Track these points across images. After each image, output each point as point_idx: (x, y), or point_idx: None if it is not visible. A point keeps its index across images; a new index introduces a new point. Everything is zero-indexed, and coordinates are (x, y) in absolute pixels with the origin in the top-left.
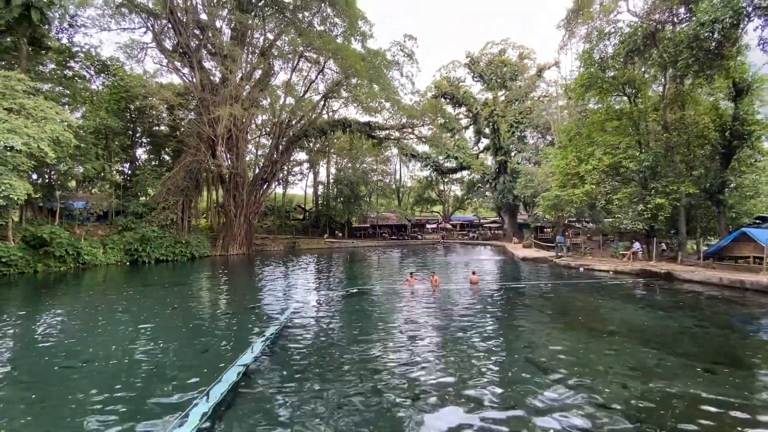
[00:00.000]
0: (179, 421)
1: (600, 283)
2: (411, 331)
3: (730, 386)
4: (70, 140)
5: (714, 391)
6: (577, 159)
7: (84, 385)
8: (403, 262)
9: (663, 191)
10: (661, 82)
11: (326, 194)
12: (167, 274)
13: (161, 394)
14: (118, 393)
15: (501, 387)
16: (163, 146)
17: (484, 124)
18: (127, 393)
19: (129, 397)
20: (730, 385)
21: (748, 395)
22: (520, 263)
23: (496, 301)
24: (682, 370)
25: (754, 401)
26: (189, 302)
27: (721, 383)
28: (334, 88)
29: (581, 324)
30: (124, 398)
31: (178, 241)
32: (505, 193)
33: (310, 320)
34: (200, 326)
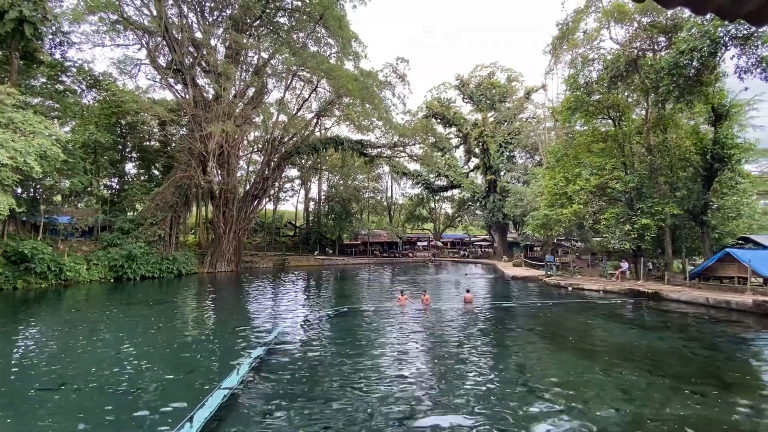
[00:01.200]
0: None
1: (589, 302)
2: (401, 353)
3: (719, 408)
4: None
5: (704, 414)
6: (565, 179)
7: (61, 409)
8: (394, 281)
9: (648, 212)
10: (644, 106)
11: (317, 211)
12: (153, 292)
13: (142, 419)
14: (97, 418)
15: (491, 411)
16: (153, 161)
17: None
18: (107, 417)
19: (108, 421)
20: (719, 406)
21: (738, 418)
22: (511, 282)
23: (487, 321)
24: (672, 393)
25: (743, 423)
26: (174, 321)
27: (711, 405)
28: (327, 106)
29: (571, 345)
30: (102, 423)
31: (165, 258)
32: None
33: (299, 341)
34: (185, 347)
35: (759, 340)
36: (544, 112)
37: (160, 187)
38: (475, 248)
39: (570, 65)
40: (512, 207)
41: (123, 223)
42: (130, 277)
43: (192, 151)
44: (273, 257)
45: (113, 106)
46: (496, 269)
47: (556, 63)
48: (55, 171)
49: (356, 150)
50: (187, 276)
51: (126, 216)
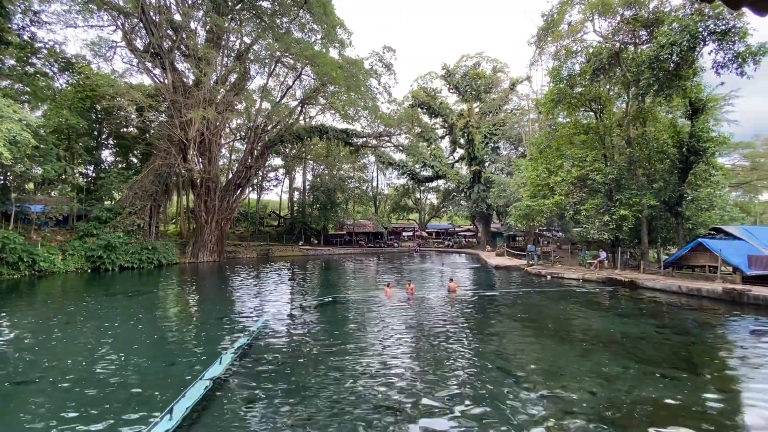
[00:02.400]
0: None
1: (569, 291)
2: (386, 341)
3: (689, 391)
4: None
5: (675, 396)
6: (547, 171)
7: (36, 403)
8: (380, 270)
9: (627, 203)
10: (625, 99)
11: (302, 201)
12: (132, 283)
13: (121, 411)
14: (75, 410)
15: (473, 395)
16: (131, 149)
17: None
18: (84, 410)
19: (86, 414)
20: (689, 389)
21: (705, 398)
22: (494, 271)
23: (470, 309)
24: (645, 376)
25: (710, 404)
26: (155, 312)
27: (681, 387)
28: (311, 94)
29: (551, 331)
30: (80, 415)
31: (144, 248)
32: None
33: (283, 331)
34: (166, 338)
35: (727, 325)
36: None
37: (139, 175)
38: (459, 238)
39: (554, 57)
40: (496, 198)
41: (100, 212)
42: (109, 268)
43: (172, 138)
44: (257, 247)
45: (87, 90)
46: (480, 259)
47: (541, 54)
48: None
49: (341, 139)
50: (168, 266)
51: (103, 205)
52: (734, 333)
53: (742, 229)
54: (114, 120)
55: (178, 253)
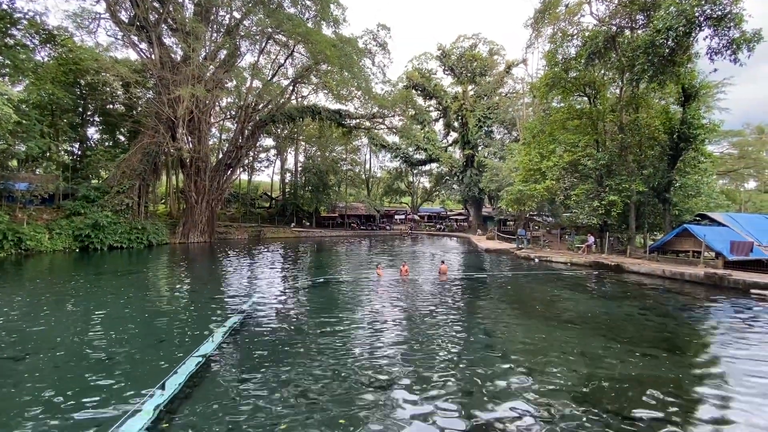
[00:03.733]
0: (131, 413)
1: (556, 273)
2: (376, 320)
3: (667, 368)
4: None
5: (654, 374)
6: (540, 155)
7: (26, 379)
8: (372, 253)
9: (616, 189)
10: (619, 84)
11: (294, 182)
12: (122, 262)
13: (113, 386)
14: (65, 385)
15: (460, 373)
16: (118, 126)
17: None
18: (76, 385)
19: (77, 389)
20: (666, 367)
21: (683, 376)
22: (484, 254)
23: (460, 291)
24: (626, 355)
25: (688, 381)
26: (145, 291)
27: (661, 366)
28: (303, 73)
29: (537, 312)
30: (72, 390)
31: (133, 227)
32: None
33: (274, 310)
34: (157, 316)
35: (707, 307)
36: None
37: (127, 153)
38: (451, 222)
39: (550, 40)
40: (488, 182)
41: (87, 190)
42: (97, 247)
43: (160, 115)
44: (248, 228)
45: (71, 64)
46: (471, 242)
47: (537, 37)
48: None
49: (334, 120)
50: (158, 246)
51: (90, 183)
52: (713, 315)
53: (727, 215)
54: (99, 96)
55: (168, 233)
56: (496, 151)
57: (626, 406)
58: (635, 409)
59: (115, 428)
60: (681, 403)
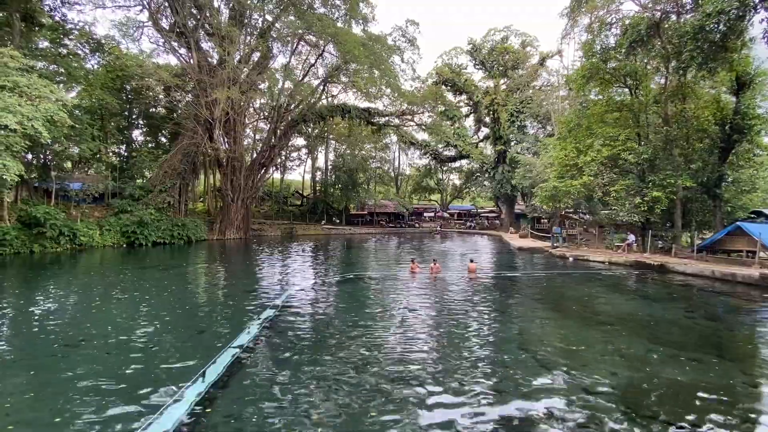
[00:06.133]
0: (174, 399)
1: (594, 273)
2: (407, 317)
3: (714, 374)
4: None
5: (699, 379)
6: (576, 150)
7: (81, 364)
8: (401, 250)
9: (660, 184)
10: (663, 74)
11: (324, 180)
12: (164, 257)
13: (157, 374)
14: (115, 372)
15: (494, 374)
16: (160, 128)
17: (484, 113)
18: (124, 371)
19: (126, 375)
20: (715, 373)
21: (732, 383)
22: (516, 253)
23: (492, 290)
24: (669, 359)
25: (737, 389)
26: (186, 285)
27: (707, 371)
28: (333, 72)
29: (574, 313)
30: (121, 376)
31: (175, 224)
32: (503, 183)
33: (307, 304)
34: (197, 308)
35: (762, 312)
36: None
37: (168, 154)
38: (482, 220)
39: (587, 30)
40: (521, 178)
41: (133, 189)
42: (142, 243)
43: (198, 117)
44: (281, 226)
45: (117, 71)
46: (502, 240)
47: (573, 27)
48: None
49: (363, 118)
50: (197, 242)
51: (135, 183)
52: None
53: None
54: (143, 100)
55: (206, 230)
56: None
57: (671, 413)
58: (680, 416)
59: (158, 413)
60: (732, 413)
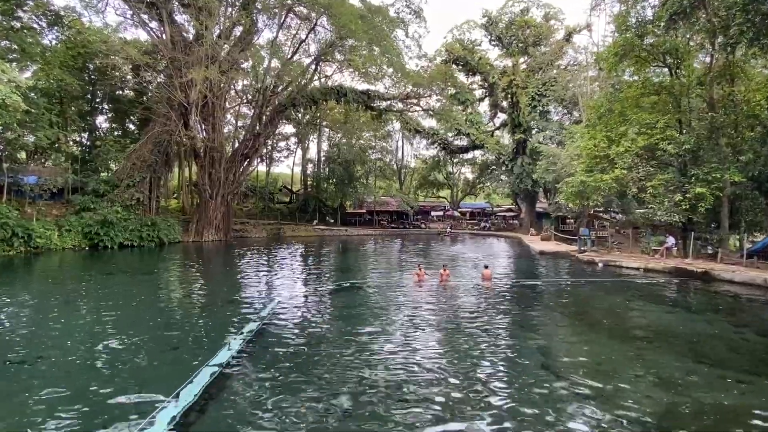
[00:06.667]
0: (145, 425)
1: (627, 281)
2: (411, 331)
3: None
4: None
5: (750, 405)
6: (608, 139)
7: (37, 384)
8: (404, 254)
9: (704, 179)
10: (709, 51)
11: (317, 174)
12: (133, 262)
13: (125, 395)
14: (76, 393)
15: (510, 396)
16: (128, 114)
17: (501, 96)
18: (87, 393)
19: (88, 397)
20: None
21: None
22: (538, 258)
23: (509, 300)
24: (716, 381)
25: None
26: (158, 294)
27: (758, 395)
28: (327, 49)
29: (603, 327)
30: (82, 398)
31: (144, 224)
32: (522, 178)
33: (296, 317)
34: (170, 321)
35: None
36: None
37: (137, 143)
38: (498, 219)
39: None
40: (543, 172)
41: (96, 184)
42: (107, 245)
43: (171, 101)
44: (266, 226)
45: (79, 47)
46: (522, 243)
47: None
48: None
49: (361, 102)
50: (170, 245)
51: (99, 176)
52: None
53: None
54: (108, 81)
55: (181, 230)
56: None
57: None
58: None
59: None
60: None
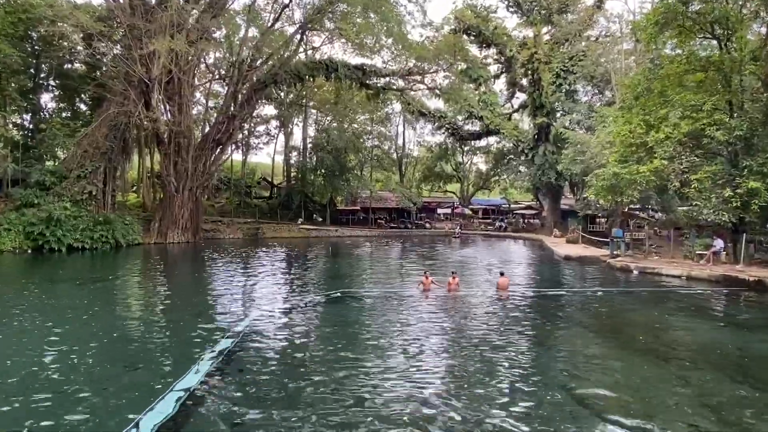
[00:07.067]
0: None
1: (668, 292)
2: (411, 349)
3: None
4: None
5: None
6: (645, 124)
7: None
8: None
9: (759, 171)
10: (765, 20)
11: (302, 164)
12: (84, 267)
13: (75, 424)
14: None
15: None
16: (78, 91)
17: (520, 73)
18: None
19: (32, 426)
20: None
21: None
22: (562, 264)
23: (529, 313)
24: None
25: None
26: (114, 305)
27: None
28: (314, 16)
29: (639, 345)
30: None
31: (98, 223)
32: (545, 169)
33: (277, 334)
34: (128, 338)
35: None
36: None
37: (89, 126)
38: (516, 218)
39: None
40: (570, 162)
41: (41, 175)
42: (54, 247)
43: (130, 77)
44: (243, 225)
45: (20, 12)
46: (544, 246)
47: None
48: None
49: (355, 79)
50: (128, 247)
51: (44, 166)
52: None
53: None
54: (55, 53)
55: (141, 230)
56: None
57: None
58: None
59: None
60: None
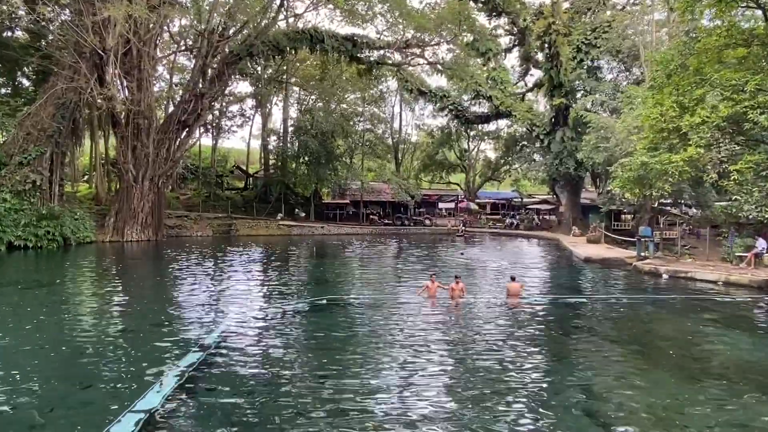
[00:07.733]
0: None
1: (703, 299)
2: (408, 363)
3: None
4: None
5: None
6: (679, 106)
7: None
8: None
9: None
10: None
11: (282, 150)
12: (27, 269)
13: None
14: None
15: None
16: (20, 64)
17: (535, 46)
18: None
19: None
20: None
21: None
22: (582, 266)
23: (543, 323)
24: None
25: None
26: (62, 314)
27: None
28: None
29: (670, 361)
30: None
31: (43, 218)
32: (563, 158)
33: (252, 346)
34: (80, 351)
35: None
36: None
37: (32, 105)
38: (530, 214)
39: None
40: (591, 150)
41: None
42: None
43: (81, 48)
44: (213, 221)
45: None
46: (561, 246)
47: None
48: None
49: (344, 52)
50: (78, 246)
51: None
52: None
53: None
54: None
55: (94, 226)
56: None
57: None
58: None
59: None
60: None
